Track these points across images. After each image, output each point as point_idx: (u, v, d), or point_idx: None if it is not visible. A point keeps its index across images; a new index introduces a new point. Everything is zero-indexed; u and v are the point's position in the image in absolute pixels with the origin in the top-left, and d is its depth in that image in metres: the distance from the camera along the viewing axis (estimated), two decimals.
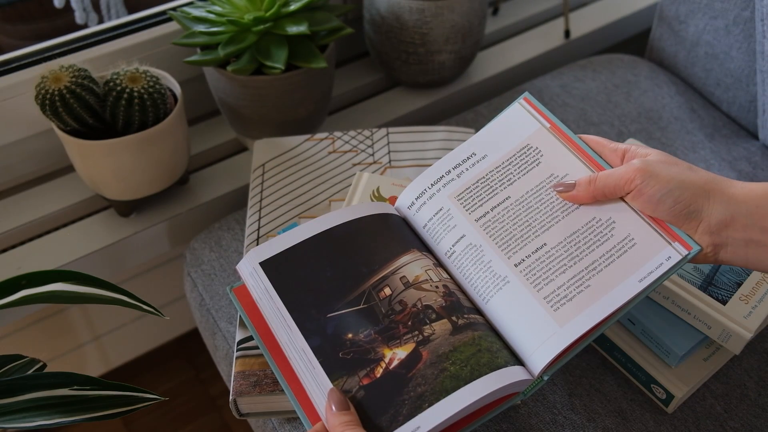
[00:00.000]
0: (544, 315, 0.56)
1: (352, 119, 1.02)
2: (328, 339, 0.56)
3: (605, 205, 0.59)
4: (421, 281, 0.59)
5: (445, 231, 0.62)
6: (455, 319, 0.57)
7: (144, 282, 1.08)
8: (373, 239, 0.63)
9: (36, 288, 0.66)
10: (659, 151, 0.58)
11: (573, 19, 1.16)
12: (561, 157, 0.62)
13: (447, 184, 0.64)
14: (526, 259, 0.59)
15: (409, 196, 0.66)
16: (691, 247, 0.55)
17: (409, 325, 0.57)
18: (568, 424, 0.67)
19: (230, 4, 0.84)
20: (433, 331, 0.56)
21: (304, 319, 0.58)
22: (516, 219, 0.61)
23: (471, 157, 0.65)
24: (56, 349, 1.08)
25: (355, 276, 0.60)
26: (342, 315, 0.58)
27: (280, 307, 0.59)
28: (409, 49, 0.96)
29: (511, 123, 0.65)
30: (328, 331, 0.57)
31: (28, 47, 0.89)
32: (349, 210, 0.65)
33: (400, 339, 0.56)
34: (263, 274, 0.61)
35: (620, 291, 0.55)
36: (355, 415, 0.52)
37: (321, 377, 0.55)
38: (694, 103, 0.98)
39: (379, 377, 0.54)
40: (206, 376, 1.22)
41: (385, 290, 0.59)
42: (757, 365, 0.71)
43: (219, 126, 1.00)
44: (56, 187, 0.92)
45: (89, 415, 0.61)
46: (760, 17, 0.84)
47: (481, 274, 0.59)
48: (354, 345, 0.56)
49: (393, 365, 0.54)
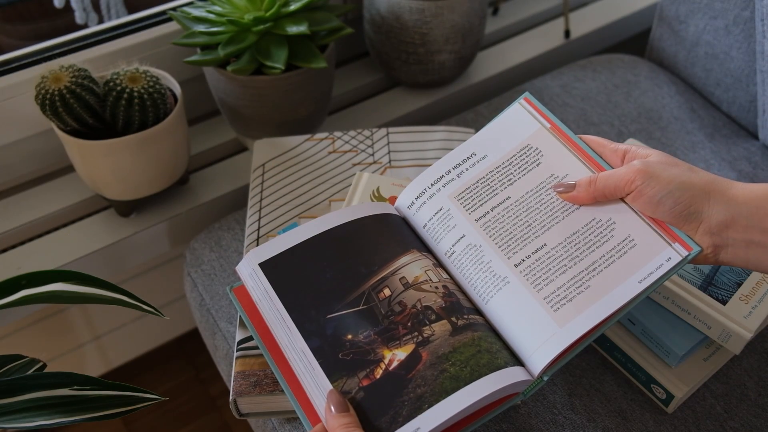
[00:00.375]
0: (544, 315, 0.56)
1: (352, 119, 1.02)
2: (328, 340, 0.56)
3: (605, 205, 0.59)
4: (420, 282, 0.59)
5: (445, 231, 0.62)
6: (455, 320, 0.57)
7: (144, 282, 1.08)
8: (373, 239, 0.63)
9: (36, 288, 0.66)
10: (660, 151, 0.58)
11: (573, 19, 1.16)
12: (561, 157, 0.62)
13: (447, 184, 0.64)
14: (526, 260, 0.59)
15: (409, 195, 0.66)
16: (691, 248, 0.55)
17: (409, 326, 0.57)
18: (568, 424, 0.67)
19: (230, 4, 0.84)
20: (433, 332, 0.56)
21: (303, 320, 0.58)
22: (516, 219, 0.61)
23: (471, 157, 0.65)
24: (56, 349, 1.08)
25: (355, 277, 0.60)
26: (341, 316, 0.58)
27: (279, 308, 0.59)
28: (409, 49, 0.96)
29: (512, 123, 0.65)
30: (328, 332, 0.57)
31: (28, 47, 0.89)
32: (349, 210, 0.65)
33: (399, 340, 0.56)
34: (262, 275, 0.61)
35: (620, 292, 0.55)
36: (354, 417, 0.52)
37: (320, 378, 0.55)
38: (694, 103, 0.98)
39: (379, 378, 0.54)
40: (206, 376, 1.22)
41: (384, 291, 0.59)
42: (757, 365, 0.71)
43: (219, 126, 1.00)
44: (56, 187, 0.92)
45: (89, 415, 0.61)
46: (760, 17, 0.84)
47: (480, 274, 0.59)
48: (353, 346, 0.56)
49: (393, 366, 0.54)
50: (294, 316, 0.58)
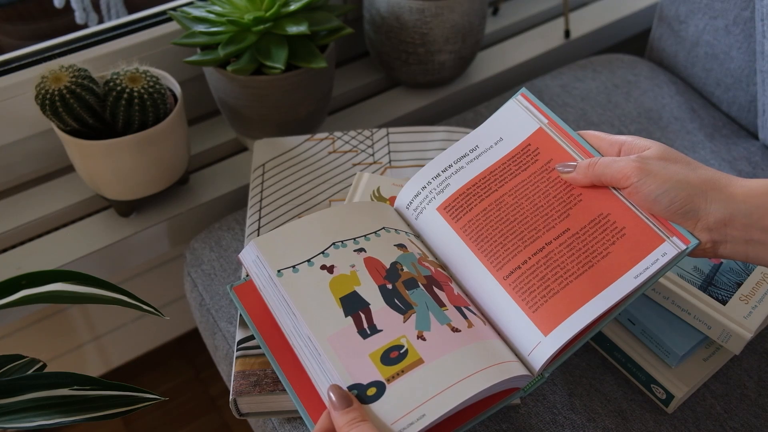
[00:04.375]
0: (541, 312, 0.56)
1: (352, 119, 1.02)
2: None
3: (602, 200, 0.59)
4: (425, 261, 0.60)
5: (439, 237, 0.63)
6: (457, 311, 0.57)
7: (144, 282, 1.08)
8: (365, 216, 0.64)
9: (36, 288, 0.65)
10: (659, 144, 0.58)
11: (573, 19, 1.16)
12: (559, 153, 0.62)
13: (440, 187, 0.64)
14: (526, 261, 0.58)
15: (407, 195, 0.66)
16: (689, 241, 0.55)
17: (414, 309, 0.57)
18: (568, 424, 0.67)
19: (230, 4, 0.84)
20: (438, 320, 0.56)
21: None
22: (512, 216, 0.61)
23: (466, 156, 0.65)
24: (56, 349, 1.08)
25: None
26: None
27: (284, 293, 0.58)
28: (409, 49, 0.96)
29: (508, 120, 0.65)
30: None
31: (28, 47, 0.89)
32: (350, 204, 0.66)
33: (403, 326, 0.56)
34: (266, 260, 0.60)
35: (618, 286, 0.55)
36: (359, 410, 0.51)
37: (327, 365, 0.54)
38: (694, 103, 0.98)
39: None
40: (206, 376, 1.22)
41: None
42: (757, 365, 0.71)
43: (219, 126, 1.00)
44: (56, 187, 0.92)
45: (89, 415, 0.61)
46: (760, 17, 0.84)
47: (477, 276, 0.59)
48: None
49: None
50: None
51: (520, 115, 0.65)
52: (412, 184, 0.66)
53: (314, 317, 0.57)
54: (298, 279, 0.59)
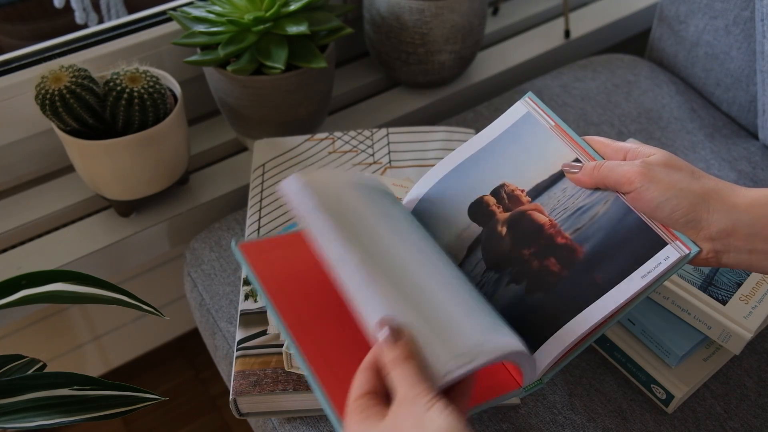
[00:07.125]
0: (542, 318, 0.56)
1: (352, 119, 1.02)
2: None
3: (605, 202, 0.59)
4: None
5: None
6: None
7: (144, 282, 1.08)
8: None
9: (36, 288, 0.66)
10: (664, 151, 0.57)
11: (573, 19, 1.16)
12: (563, 158, 0.62)
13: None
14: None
15: (417, 194, 0.66)
16: (690, 248, 0.55)
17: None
18: (568, 424, 0.67)
19: (230, 4, 0.84)
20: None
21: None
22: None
23: (472, 159, 0.65)
24: (56, 349, 1.08)
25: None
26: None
27: (332, 219, 0.54)
28: (409, 49, 0.96)
29: (515, 123, 0.65)
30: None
31: (28, 47, 0.89)
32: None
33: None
34: (312, 189, 0.56)
35: (619, 291, 0.55)
36: (407, 346, 0.47)
37: (376, 294, 0.50)
38: (694, 103, 0.98)
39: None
40: (206, 376, 1.22)
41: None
42: (757, 365, 0.71)
43: (219, 126, 1.00)
44: (56, 187, 0.92)
45: (89, 415, 0.61)
46: (760, 17, 0.84)
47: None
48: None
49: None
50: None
51: (527, 118, 0.65)
52: (422, 182, 0.66)
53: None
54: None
